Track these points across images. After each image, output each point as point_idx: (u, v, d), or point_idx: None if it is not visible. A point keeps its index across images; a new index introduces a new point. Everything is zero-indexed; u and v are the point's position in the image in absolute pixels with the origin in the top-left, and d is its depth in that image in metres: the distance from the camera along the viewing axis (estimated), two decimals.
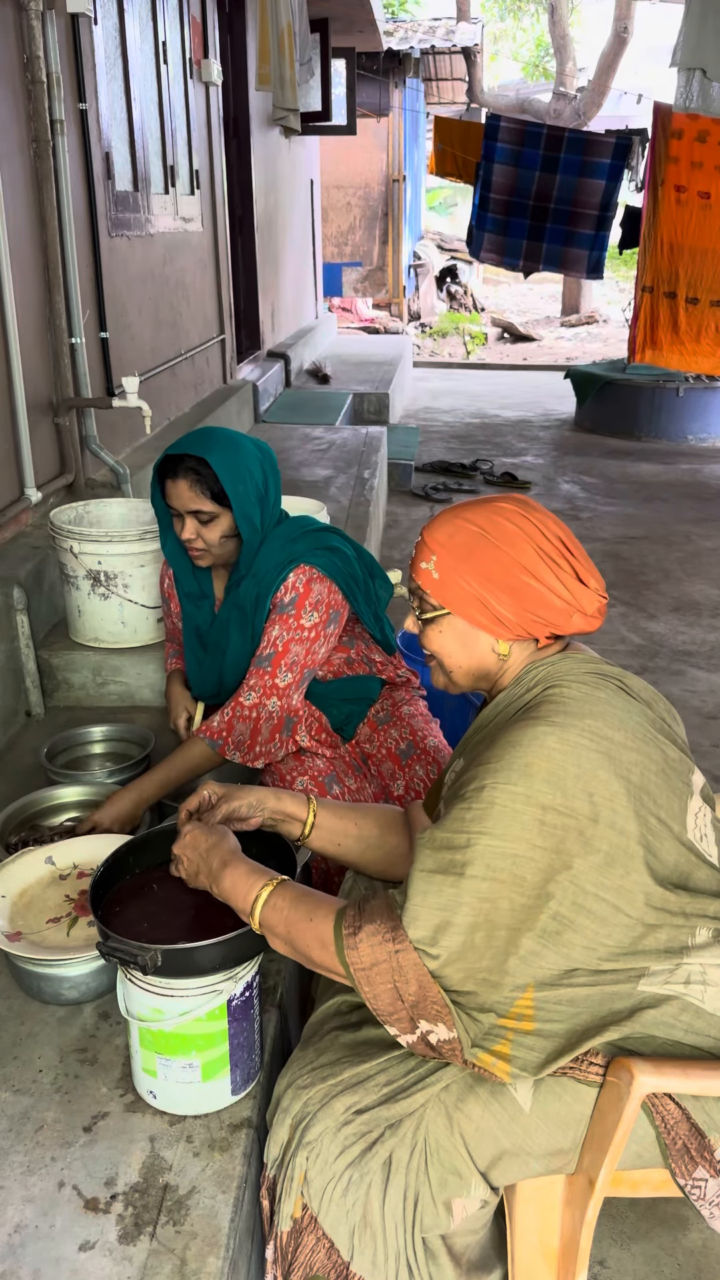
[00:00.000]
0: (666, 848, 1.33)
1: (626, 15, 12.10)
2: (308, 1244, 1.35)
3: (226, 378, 6.25)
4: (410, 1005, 1.27)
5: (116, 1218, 1.36)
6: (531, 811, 1.25)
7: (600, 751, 1.29)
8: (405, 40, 13.16)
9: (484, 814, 1.26)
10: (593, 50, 13.36)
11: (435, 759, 2.24)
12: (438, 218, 21.54)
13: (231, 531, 2.05)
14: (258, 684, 2.05)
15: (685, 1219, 1.83)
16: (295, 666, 2.07)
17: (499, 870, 1.25)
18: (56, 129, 3.34)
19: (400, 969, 1.26)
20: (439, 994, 1.26)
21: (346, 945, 1.29)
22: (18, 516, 3.22)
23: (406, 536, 5.74)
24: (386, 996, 1.28)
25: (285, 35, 5.48)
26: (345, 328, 12.97)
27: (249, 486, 2.02)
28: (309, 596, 2.07)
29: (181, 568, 2.21)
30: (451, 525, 1.42)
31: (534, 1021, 1.30)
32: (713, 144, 6.66)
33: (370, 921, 1.30)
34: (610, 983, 1.31)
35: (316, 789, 2.07)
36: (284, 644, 2.06)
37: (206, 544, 2.05)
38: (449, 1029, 1.27)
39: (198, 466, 1.98)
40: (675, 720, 1.48)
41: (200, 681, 2.26)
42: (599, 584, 1.42)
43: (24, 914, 1.78)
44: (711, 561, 5.52)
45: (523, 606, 1.38)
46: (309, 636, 2.08)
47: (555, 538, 1.39)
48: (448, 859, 1.27)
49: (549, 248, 8.34)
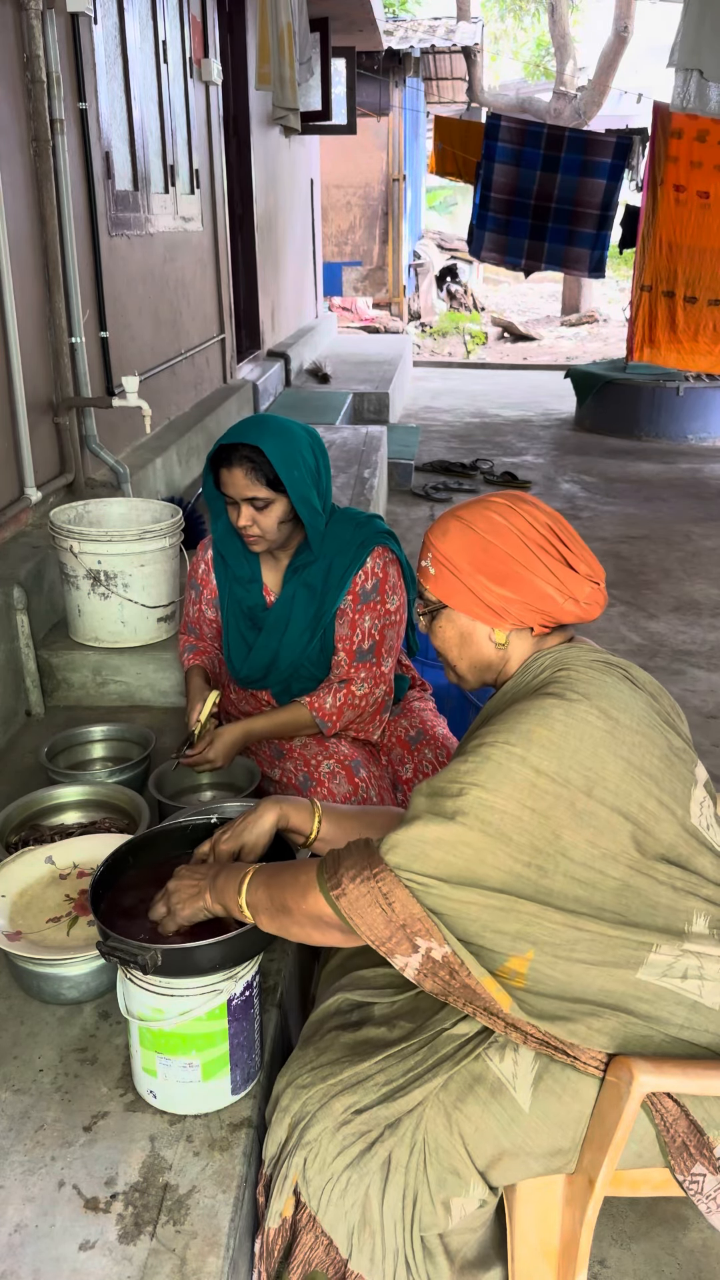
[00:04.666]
0: (664, 829, 1.34)
1: (627, 15, 12.10)
2: (306, 1241, 1.35)
3: (226, 377, 6.25)
4: (400, 925, 1.29)
5: (116, 1217, 1.36)
6: (525, 772, 1.28)
7: (604, 729, 1.31)
8: (405, 40, 13.15)
9: (478, 767, 1.30)
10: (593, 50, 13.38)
11: (444, 744, 2.30)
12: (438, 217, 21.55)
13: (286, 516, 2.10)
14: (369, 676, 2.15)
15: (685, 1218, 1.83)
16: (392, 652, 2.19)
17: (487, 824, 1.27)
18: (56, 128, 3.34)
19: (382, 893, 1.29)
20: (422, 911, 1.28)
21: (330, 887, 1.32)
22: (18, 516, 3.22)
23: (406, 536, 5.74)
24: (379, 923, 1.29)
25: (285, 34, 5.48)
26: (345, 327, 12.97)
27: (303, 471, 2.05)
28: (388, 581, 2.17)
29: (233, 551, 2.24)
30: (445, 523, 1.49)
31: (525, 980, 1.31)
32: (712, 143, 6.67)
33: (348, 858, 1.34)
34: (611, 963, 1.31)
35: (344, 772, 2.12)
36: (379, 631, 2.16)
37: (263, 530, 2.09)
38: (440, 944, 1.29)
39: (252, 455, 2.02)
40: (679, 715, 1.49)
41: (250, 663, 2.27)
42: (592, 570, 1.45)
43: (24, 914, 1.78)
44: (712, 561, 5.52)
45: (512, 593, 1.43)
46: (396, 620, 2.20)
47: (544, 526, 1.45)
48: (439, 804, 1.30)
49: (551, 247, 8.35)
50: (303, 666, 2.22)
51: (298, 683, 2.24)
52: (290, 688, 2.25)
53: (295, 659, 2.21)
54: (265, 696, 2.30)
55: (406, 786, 2.24)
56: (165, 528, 2.84)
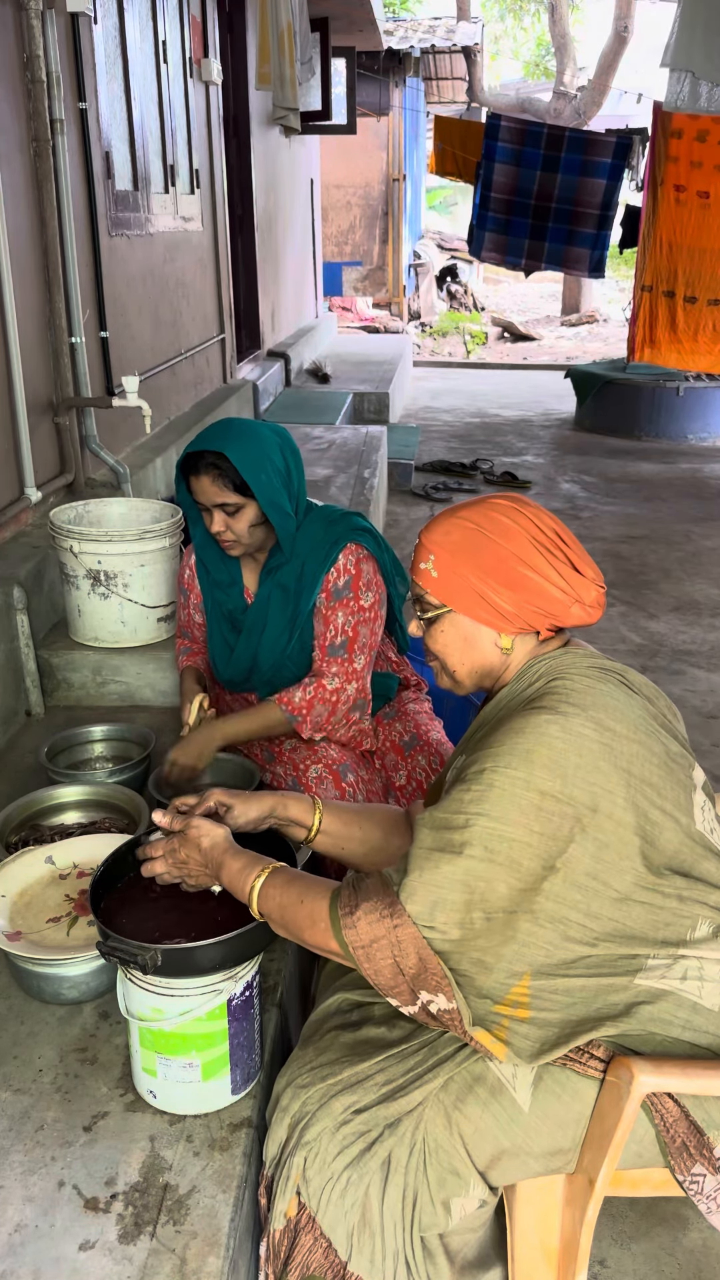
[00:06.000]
0: (667, 838, 1.33)
1: (627, 15, 12.10)
2: (305, 1243, 1.35)
3: (226, 377, 6.25)
4: (411, 978, 1.29)
5: (116, 1217, 1.36)
6: (530, 797, 1.27)
7: (602, 742, 1.31)
8: (405, 39, 13.14)
9: (483, 796, 1.28)
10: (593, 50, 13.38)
11: (438, 751, 2.27)
12: (438, 217, 21.54)
13: (259, 520, 2.09)
14: (340, 671, 2.13)
15: (685, 1218, 1.83)
16: (365, 649, 2.15)
17: (496, 852, 1.27)
18: (56, 128, 3.34)
19: (399, 943, 1.28)
20: (439, 965, 1.28)
21: (344, 925, 1.31)
22: (18, 516, 3.22)
23: (406, 536, 5.74)
24: (387, 971, 1.29)
25: (285, 34, 5.48)
26: (345, 327, 12.96)
27: (270, 474, 2.05)
28: (361, 577, 2.14)
29: (212, 556, 2.24)
30: (447, 524, 1.45)
31: (529, 1009, 1.30)
32: (712, 143, 6.67)
33: (367, 899, 1.31)
34: (608, 974, 1.31)
35: (331, 777, 2.10)
36: (352, 628, 2.14)
37: (236, 534, 2.09)
38: (449, 999, 1.29)
39: (217, 461, 2.01)
40: (676, 717, 1.49)
41: (232, 665, 2.28)
42: (595, 574, 1.44)
43: (24, 914, 1.78)
44: (712, 561, 5.52)
45: (522, 598, 1.40)
46: (370, 616, 2.16)
47: (550, 529, 1.43)
48: (446, 838, 1.29)
49: (551, 247, 8.35)
50: (284, 667, 2.21)
51: (282, 684, 2.22)
52: (274, 688, 2.23)
53: (276, 659, 2.20)
54: (252, 699, 2.30)
55: (400, 793, 2.22)
56: (165, 528, 2.84)
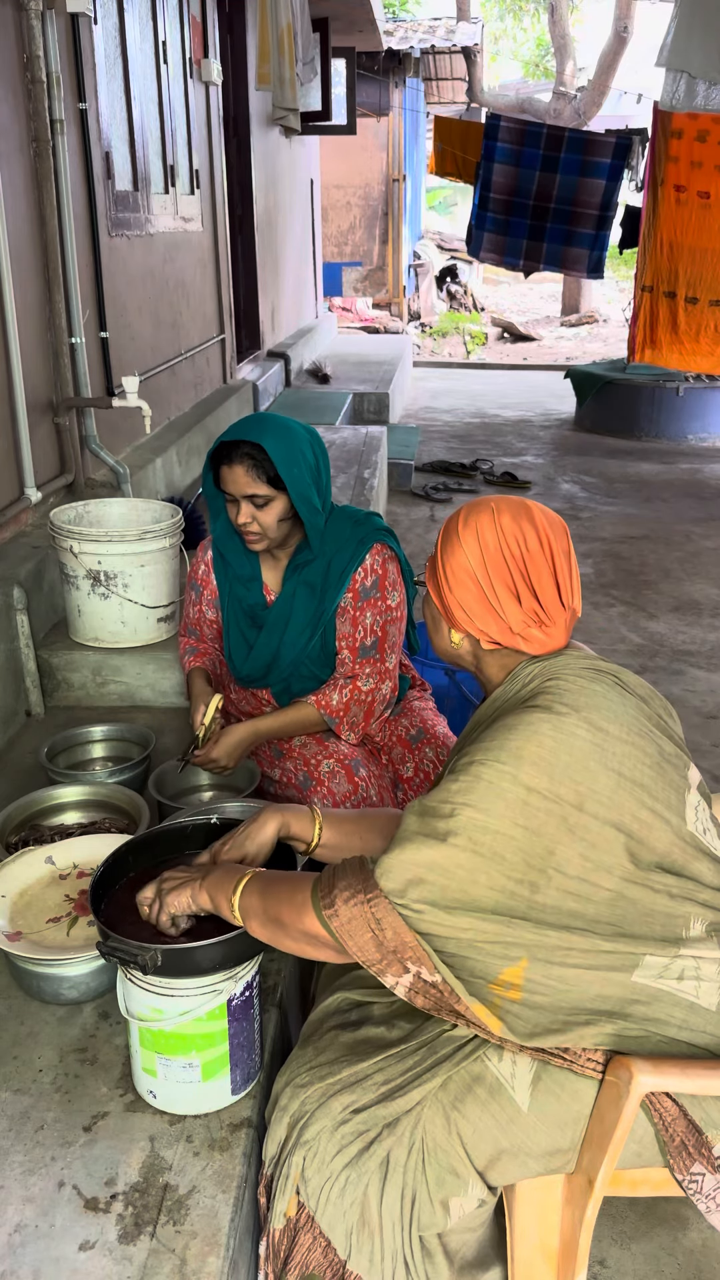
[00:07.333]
0: (657, 837, 1.33)
1: (627, 15, 12.09)
2: (304, 1243, 1.35)
3: (226, 377, 6.25)
4: (392, 950, 1.30)
5: (116, 1217, 1.36)
6: (516, 791, 1.28)
7: (593, 743, 1.31)
8: (405, 40, 13.15)
9: (470, 787, 1.29)
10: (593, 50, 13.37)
11: (444, 744, 2.30)
12: (438, 217, 21.54)
13: (286, 514, 2.10)
14: (374, 671, 2.18)
15: (685, 1218, 1.83)
16: (395, 647, 2.21)
17: (480, 844, 1.27)
18: (56, 129, 3.34)
19: (375, 918, 1.29)
20: (414, 939, 1.28)
21: (323, 906, 1.32)
22: (18, 516, 3.22)
23: (406, 536, 5.74)
24: (370, 945, 1.30)
25: (285, 35, 5.48)
26: (345, 327, 12.96)
27: (303, 469, 2.06)
28: (387, 577, 2.19)
29: (233, 550, 2.25)
30: (456, 513, 1.50)
31: (521, 991, 1.31)
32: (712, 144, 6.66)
33: (342, 879, 1.34)
34: (605, 968, 1.31)
35: (344, 771, 2.13)
36: (381, 627, 2.18)
37: (262, 527, 2.10)
38: (431, 972, 1.29)
39: (253, 452, 2.02)
40: (672, 717, 1.49)
41: (250, 661, 2.28)
42: (549, 610, 1.41)
43: (24, 914, 1.78)
44: (711, 561, 5.52)
45: (455, 600, 1.45)
46: (397, 616, 2.21)
47: (515, 558, 1.41)
48: (431, 825, 1.30)
49: (549, 247, 8.34)
50: (303, 665, 2.23)
51: (298, 681, 2.24)
52: (290, 686, 2.25)
53: (296, 657, 2.22)
54: (265, 696, 2.31)
55: (407, 785, 2.25)
56: (165, 528, 2.84)
